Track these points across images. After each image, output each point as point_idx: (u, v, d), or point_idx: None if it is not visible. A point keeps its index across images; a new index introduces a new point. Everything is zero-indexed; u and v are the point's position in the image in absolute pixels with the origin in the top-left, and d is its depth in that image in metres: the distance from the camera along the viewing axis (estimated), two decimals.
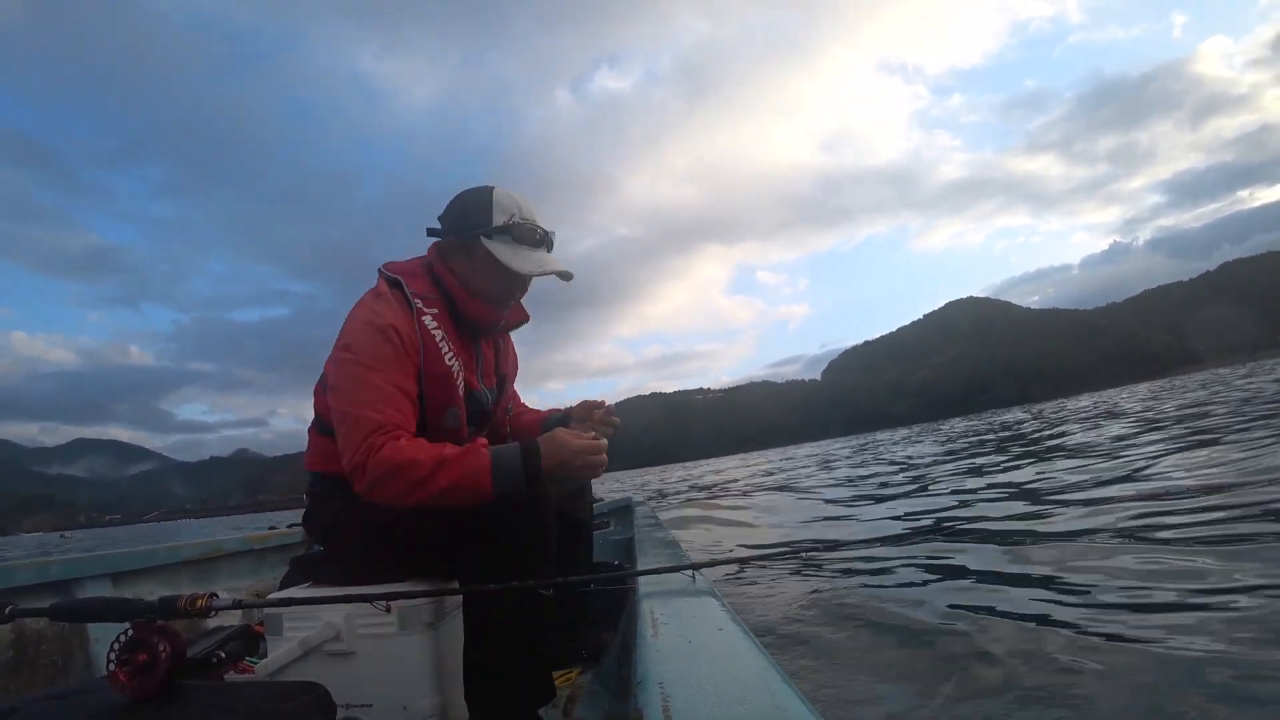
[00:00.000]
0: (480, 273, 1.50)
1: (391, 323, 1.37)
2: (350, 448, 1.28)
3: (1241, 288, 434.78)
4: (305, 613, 1.32)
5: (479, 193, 1.52)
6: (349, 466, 1.28)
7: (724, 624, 0.82)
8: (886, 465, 11.95)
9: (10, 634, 1.62)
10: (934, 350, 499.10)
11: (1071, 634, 2.07)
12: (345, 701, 1.25)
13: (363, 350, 1.34)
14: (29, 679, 1.63)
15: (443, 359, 1.43)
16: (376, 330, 1.35)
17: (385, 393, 1.32)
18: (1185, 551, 2.82)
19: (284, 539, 2.62)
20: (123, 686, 0.84)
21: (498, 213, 1.48)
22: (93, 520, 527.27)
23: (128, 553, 2.05)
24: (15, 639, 1.63)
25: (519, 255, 1.48)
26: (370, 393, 1.31)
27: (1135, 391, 35.26)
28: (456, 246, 1.51)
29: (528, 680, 1.31)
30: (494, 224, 1.47)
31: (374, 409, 1.30)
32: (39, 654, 1.67)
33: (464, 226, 1.49)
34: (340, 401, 1.34)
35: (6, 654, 1.61)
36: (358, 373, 1.33)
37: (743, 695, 0.58)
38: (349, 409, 1.32)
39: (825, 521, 5.93)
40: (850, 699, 1.87)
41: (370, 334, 1.35)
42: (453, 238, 1.51)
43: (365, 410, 1.29)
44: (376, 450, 1.25)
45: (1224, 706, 1.50)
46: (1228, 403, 11.74)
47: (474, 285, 1.51)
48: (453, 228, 1.52)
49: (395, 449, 1.25)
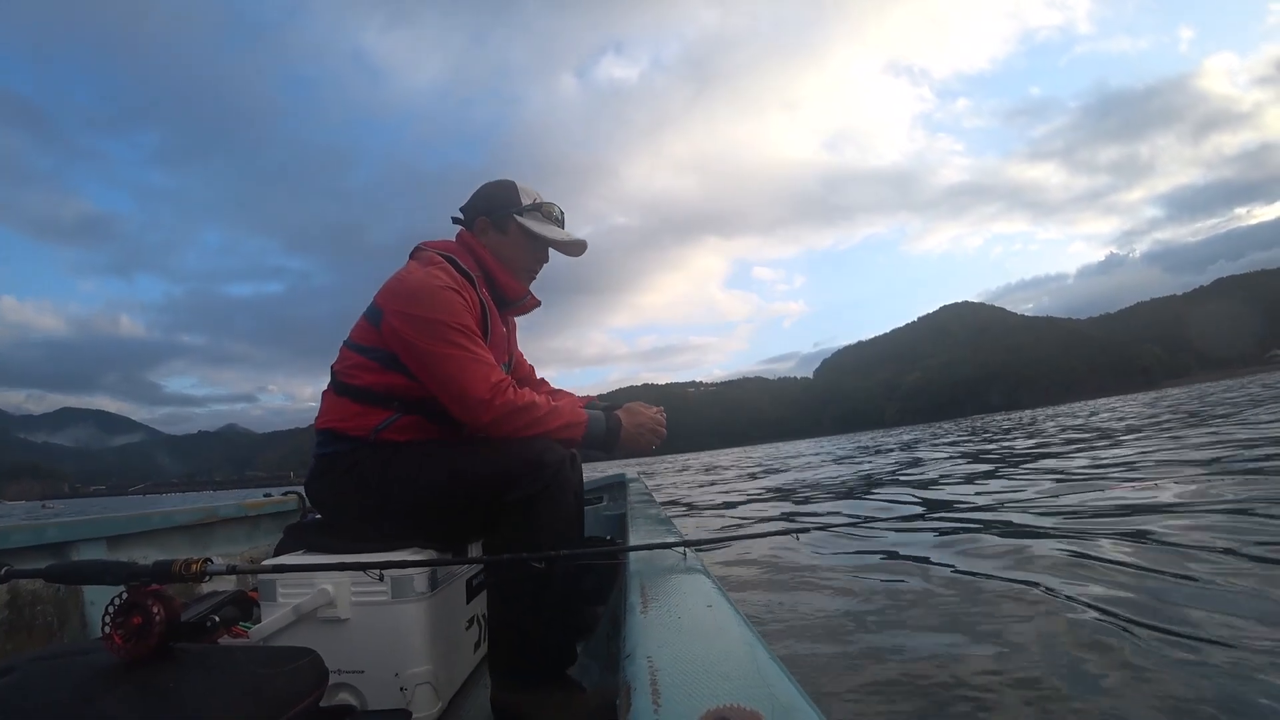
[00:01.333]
0: (514, 246, 1.69)
1: (460, 289, 1.50)
2: (476, 386, 1.42)
3: (1233, 303, 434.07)
4: (299, 579, 1.33)
5: (502, 183, 1.73)
6: (472, 402, 1.42)
7: (713, 601, 0.83)
8: (877, 458, 12.06)
9: (6, 595, 1.63)
10: (927, 353, 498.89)
11: (1059, 614, 2.11)
12: (337, 667, 1.27)
13: (449, 312, 1.44)
14: (25, 639, 1.64)
15: (496, 326, 1.64)
16: (454, 294, 1.47)
17: (484, 348, 1.48)
18: (1180, 548, 2.87)
19: (279, 506, 2.63)
20: (117, 648, 0.85)
21: (524, 196, 1.70)
22: (76, 490, 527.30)
23: (123, 516, 2.05)
24: (11, 600, 1.64)
25: (548, 229, 1.71)
26: (479, 348, 1.47)
27: (1123, 402, 35.53)
28: (489, 225, 1.69)
29: (550, 645, 1.39)
30: (523, 204, 1.69)
31: (488, 361, 1.46)
32: (35, 615, 1.68)
33: (496, 207, 1.69)
34: (447, 353, 1.42)
35: (2, 614, 1.62)
36: (454, 334, 1.43)
37: (730, 671, 0.59)
38: (466, 358, 1.43)
39: (814, 505, 5.99)
40: (836, 676, 1.90)
41: (451, 297, 1.46)
42: (484, 218, 1.68)
43: (484, 360, 1.45)
44: (503, 392, 1.44)
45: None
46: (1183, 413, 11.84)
47: (507, 258, 1.69)
48: (485, 209, 1.69)
49: (517, 393, 1.46)
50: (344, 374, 1.54)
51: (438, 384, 1.44)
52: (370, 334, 1.51)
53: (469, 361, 1.43)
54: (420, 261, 1.59)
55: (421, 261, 1.59)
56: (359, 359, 1.52)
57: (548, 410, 1.49)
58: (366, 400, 1.51)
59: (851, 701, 1.72)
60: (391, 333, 1.45)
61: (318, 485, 1.57)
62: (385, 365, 1.49)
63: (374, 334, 1.50)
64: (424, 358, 1.43)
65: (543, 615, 1.37)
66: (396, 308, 1.45)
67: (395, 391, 1.50)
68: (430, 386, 1.46)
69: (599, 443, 1.59)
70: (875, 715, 1.65)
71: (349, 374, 1.53)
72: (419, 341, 1.42)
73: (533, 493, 1.38)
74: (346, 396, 1.52)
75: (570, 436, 1.52)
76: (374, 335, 1.50)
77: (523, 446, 1.42)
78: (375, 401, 1.51)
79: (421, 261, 1.59)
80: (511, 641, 1.38)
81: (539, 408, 1.47)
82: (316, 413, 1.58)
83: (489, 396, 1.42)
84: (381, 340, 1.48)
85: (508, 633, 1.39)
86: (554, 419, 1.49)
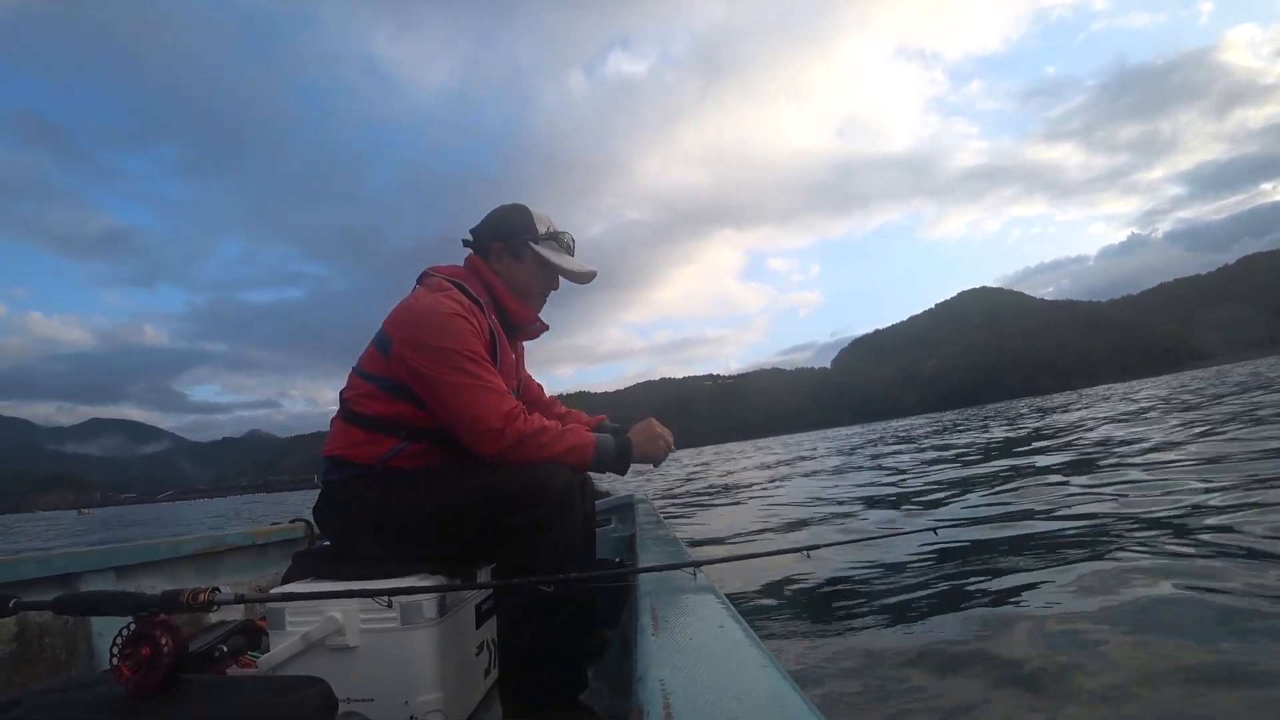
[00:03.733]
0: (528, 273, 1.71)
1: (469, 316, 1.50)
2: (488, 416, 1.41)
3: (1260, 282, 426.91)
4: (307, 607, 1.32)
5: (517, 208, 1.74)
6: (483, 432, 1.41)
7: (724, 621, 0.83)
8: (891, 458, 11.95)
9: (14, 627, 1.63)
10: (945, 340, 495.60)
11: (1079, 630, 2.07)
12: (347, 696, 1.26)
13: (459, 340, 1.44)
14: (32, 671, 1.63)
15: (505, 352, 1.64)
16: (463, 320, 1.47)
17: (495, 375, 1.48)
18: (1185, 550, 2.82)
19: (286, 534, 2.63)
20: (126, 680, 0.84)
21: (538, 223, 1.72)
22: (108, 499, 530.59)
23: (130, 546, 2.05)
24: (19, 632, 1.63)
25: (562, 258, 1.73)
26: (490, 375, 1.47)
27: (1140, 385, 35.24)
28: (504, 250, 1.70)
29: (561, 670, 1.38)
30: (539, 232, 1.71)
31: (500, 388, 1.47)
32: (42, 647, 1.67)
33: (511, 232, 1.70)
34: (458, 382, 1.42)
35: (10, 647, 1.62)
36: (465, 361, 1.43)
37: (743, 692, 0.58)
38: (477, 387, 1.43)
39: (827, 516, 5.93)
40: (851, 697, 1.87)
41: (461, 324, 1.47)
42: (499, 243, 1.69)
43: (495, 389, 1.45)
44: (514, 420, 1.43)
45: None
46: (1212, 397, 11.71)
47: (520, 284, 1.70)
48: (500, 233, 1.70)
49: (527, 420, 1.46)
50: (353, 402, 1.53)
51: (449, 413, 1.44)
52: (379, 362, 1.50)
53: (480, 390, 1.42)
54: (428, 288, 1.59)
55: (430, 288, 1.59)
56: (368, 387, 1.51)
57: (556, 435, 1.49)
58: (375, 429, 1.50)
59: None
60: (401, 361, 1.45)
61: (325, 512, 1.56)
62: (394, 394, 1.48)
63: (383, 362, 1.49)
64: (434, 386, 1.42)
65: (553, 639, 1.36)
66: (405, 335, 1.45)
67: (404, 420, 1.49)
68: (441, 416, 1.45)
69: (610, 466, 1.60)
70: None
71: (358, 402, 1.52)
72: (429, 370, 1.42)
73: (540, 517, 1.36)
74: (355, 425, 1.52)
75: (579, 460, 1.52)
76: (383, 363, 1.49)
77: (529, 471, 1.41)
78: (383, 430, 1.50)
79: (430, 288, 1.59)
80: (522, 667, 1.37)
81: (548, 433, 1.47)
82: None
83: (501, 425, 1.41)
84: (390, 369, 1.48)
85: (518, 658, 1.37)
86: (563, 444, 1.49)
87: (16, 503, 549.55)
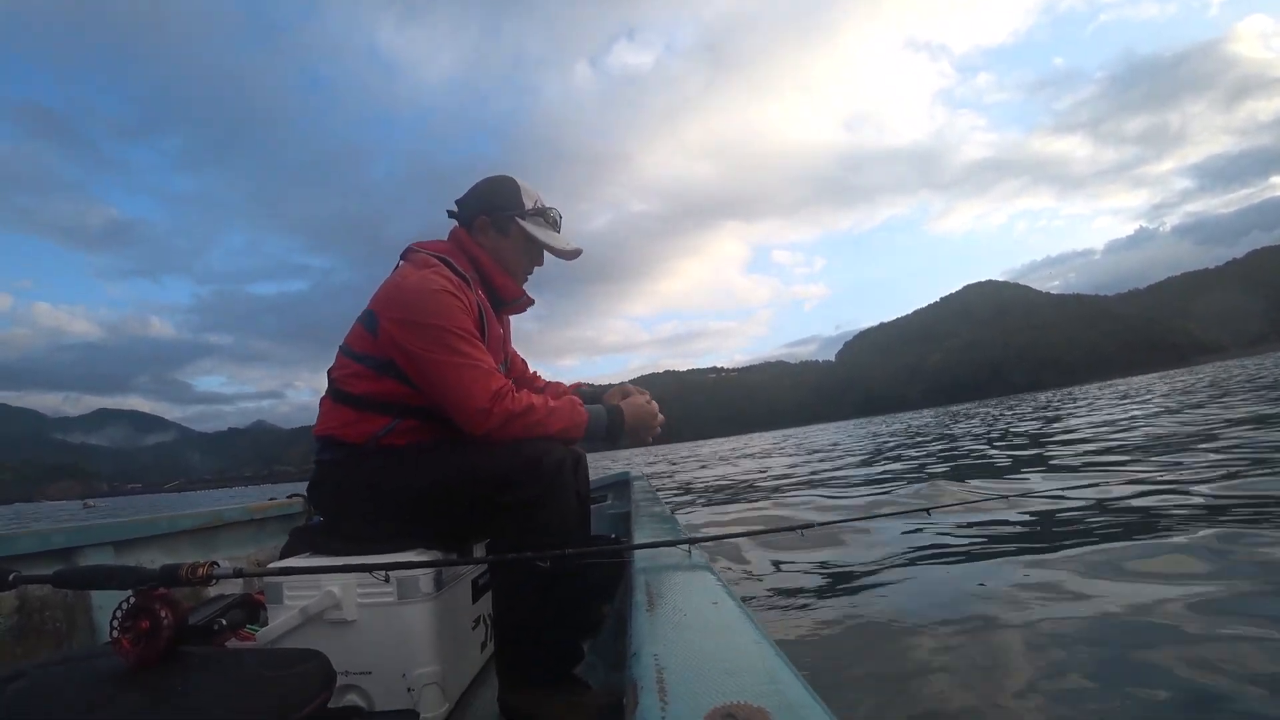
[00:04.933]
0: (513, 249, 1.68)
1: (457, 292, 1.47)
2: (475, 395, 1.40)
3: (1269, 277, 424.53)
4: (305, 582, 1.34)
5: (505, 180, 1.70)
6: (471, 412, 1.40)
7: (719, 598, 0.83)
8: (891, 445, 12.05)
9: (15, 601, 1.64)
10: (950, 334, 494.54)
11: (1065, 616, 2.11)
12: (345, 669, 1.28)
13: (447, 317, 1.42)
14: (34, 645, 1.65)
15: (493, 327, 1.60)
16: (451, 297, 1.45)
17: (484, 353, 1.46)
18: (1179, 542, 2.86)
19: (284, 509, 2.64)
20: (126, 652, 0.85)
21: (526, 198, 1.68)
22: (115, 489, 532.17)
23: (129, 521, 2.06)
24: (20, 605, 1.65)
25: (548, 235, 1.71)
26: (478, 352, 1.44)
27: (1146, 381, 35.29)
28: (489, 225, 1.66)
29: (556, 644, 1.39)
30: (526, 208, 1.67)
31: (488, 366, 1.44)
32: (43, 620, 1.69)
33: (498, 207, 1.66)
34: (446, 360, 1.40)
35: (11, 620, 1.63)
36: (453, 339, 1.41)
37: (736, 668, 0.59)
38: (465, 365, 1.41)
39: (823, 497, 5.98)
40: (844, 673, 1.90)
41: (449, 301, 1.44)
42: (484, 217, 1.66)
43: (483, 368, 1.42)
44: (502, 399, 1.41)
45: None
46: None
47: (505, 259, 1.68)
48: (486, 207, 1.66)
49: (515, 399, 1.43)
50: (341, 381, 1.52)
51: (437, 392, 1.42)
52: (366, 340, 1.49)
53: (468, 369, 1.41)
54: (414, 264, 1.56)
55: (415, 264, 1.55)
56: (356, 366, 1.50)
57: (547, 413, 1.47)
58: (365, 408, 1.49)
59: (859, 698, 1.71)
60: (389, 339, 1.43)
61: (319, 491, 1.56)
62: (382, 372, 1.47)
63: (370, 340, 1.48)
64: (422, 365, 1.41)
65: (548, 614, 1.37)
66: (393, 314, 1.43)
67: (393, 399, 1.48)
68: (429, 394, 1.44)
69: (602, 438, 1.61)
70: (884, 713, 1.65)
71: (346, 382, 1.51)
72: (417, 348, 1.40)
73: (533, 493, 1.36)
74: (345, 404, 1.51)
75: (572, 437, 1.52)
76: (370, 342, 1.48)
77: (523, 447, 1.40)
78: (373, 409, 1.49)
79: (415, 264, 1.55)
80: (518, 641, 1.38)
81: (538, 411, 1.45)
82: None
83: (489, 405, 1.40)
84: (378, 347, 1.46)
85: (514, 632, 1.39)
86: (554, 421, 1.48)
87: (26, 491, 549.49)
